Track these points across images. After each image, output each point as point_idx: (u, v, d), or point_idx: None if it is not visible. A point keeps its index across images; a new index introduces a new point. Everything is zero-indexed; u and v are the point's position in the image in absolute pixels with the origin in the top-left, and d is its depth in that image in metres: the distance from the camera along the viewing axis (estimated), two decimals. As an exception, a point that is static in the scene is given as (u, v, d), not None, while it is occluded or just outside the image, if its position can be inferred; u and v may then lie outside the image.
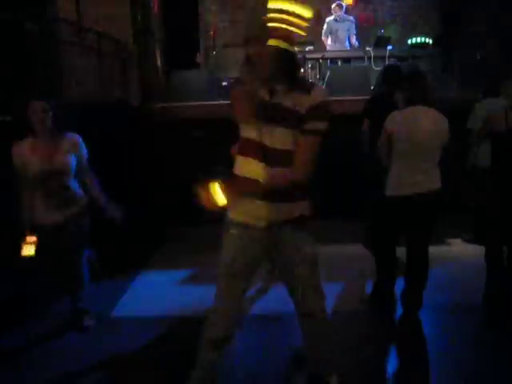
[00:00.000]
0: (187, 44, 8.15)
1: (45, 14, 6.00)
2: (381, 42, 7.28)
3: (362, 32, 8.03)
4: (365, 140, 4.11)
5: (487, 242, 3.55)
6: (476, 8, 7.98)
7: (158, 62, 6.94)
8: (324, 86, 6.71)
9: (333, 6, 7.72)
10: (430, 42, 7.44)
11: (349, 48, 7.67)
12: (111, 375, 2.91)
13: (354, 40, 7.70)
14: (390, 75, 4.02)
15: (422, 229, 3.28)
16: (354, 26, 7.76)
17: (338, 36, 7.71)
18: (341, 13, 7.67)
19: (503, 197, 3.35)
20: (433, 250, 3.40)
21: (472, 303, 3.57)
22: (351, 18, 7.82)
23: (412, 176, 3.14)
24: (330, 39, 7.78)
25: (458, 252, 4.75)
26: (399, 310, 3.50)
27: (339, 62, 7.46)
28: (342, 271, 4.27)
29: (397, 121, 3.16)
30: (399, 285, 3.52)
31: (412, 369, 2.89)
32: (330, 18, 7.78)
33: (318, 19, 8.79)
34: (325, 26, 7.79)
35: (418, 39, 7.45)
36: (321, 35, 7.91)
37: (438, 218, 3.27)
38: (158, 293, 4.07)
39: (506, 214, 3.35)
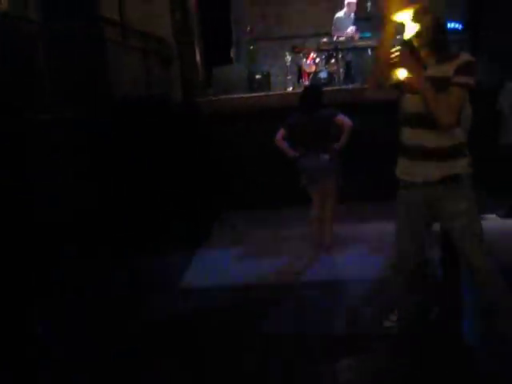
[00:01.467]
0: (221, 40, 8.48)
1: (91, 16, 6.41)
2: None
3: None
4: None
5: None
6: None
7: (198, 59, 7.31)
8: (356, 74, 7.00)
9: (352, 1, 7.99)
10: (460, 27, 7.60)
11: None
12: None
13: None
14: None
15: None
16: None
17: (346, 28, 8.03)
18: (351, 11, 8.04)
19: None
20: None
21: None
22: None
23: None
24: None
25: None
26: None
27: (369, 52, 7.70)
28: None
29: None
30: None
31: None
32: (339, 14, 8.13)
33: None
34: (334, 22, 8.12)
35: (449, 25, 7.61)
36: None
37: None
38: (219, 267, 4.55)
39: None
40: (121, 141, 4.47)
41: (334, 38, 7.88)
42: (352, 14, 8.13)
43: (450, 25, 7.66)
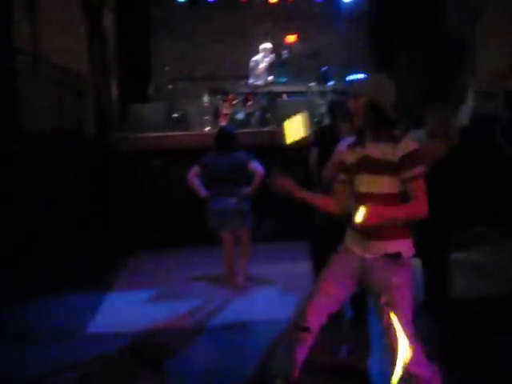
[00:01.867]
0: (140, 77, 8.45)
1: (2, 46, 6.16)
2: (323, 78, 7.91)
3: (305, 67, 8.66)
4: (313, 168, 4.61)
5: None
6: (408, 49, 8.88)
7: (114, 94, 7.21)
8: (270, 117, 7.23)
9: (268, 47, 8.34)
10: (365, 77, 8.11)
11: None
12: None
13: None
14: (336, 109, 4.56)
15: None
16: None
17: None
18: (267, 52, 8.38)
19: None
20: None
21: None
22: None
23: None
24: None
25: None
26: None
27: (284, 96, 8.01)
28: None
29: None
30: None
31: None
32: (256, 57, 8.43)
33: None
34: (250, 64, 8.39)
35: (356, 76, 8.11)
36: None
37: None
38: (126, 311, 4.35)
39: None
40: (26, 176, 4.25)
41: (251, 81, 8.14)
42: (268, 59, 8.41)
43: (357, 75, 8.15)
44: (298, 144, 2.57)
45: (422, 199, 2.39)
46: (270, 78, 8.28)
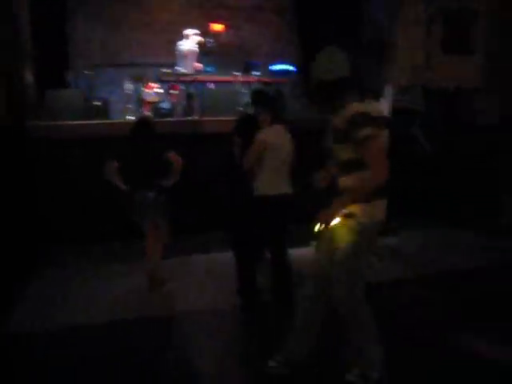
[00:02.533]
0: (57, 62, 8.03)
1: None
2: (248, 68, 7.88)
3: (230, 57, 8.59)
4: (236, 156, 4.57)
5: None
6: (333, 43, 9.01)
7: (29, 80, 6.79)
8: (195, 107, 7.12)
9: (195, 34, 8.16)
10: (291, 68, 8.21)
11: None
12: None
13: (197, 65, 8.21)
14: (257, 98, 4.56)
15: (283, 223, 3.89)
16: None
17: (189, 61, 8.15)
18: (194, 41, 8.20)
19: None
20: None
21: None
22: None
23: (277, 181, 3.78)
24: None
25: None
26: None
27: (210, 85, 7.91)
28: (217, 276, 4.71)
29: (268, 136, 3.72)
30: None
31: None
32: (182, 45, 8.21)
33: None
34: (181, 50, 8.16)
35: (281, 66, 8.18)
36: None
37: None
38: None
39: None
40: None
41: (177, 69, 7.95)
42: (195, 46, 8.25)
43: (282, 66, 8.23)
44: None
45: (373, 165, 2.54)
46: (198, 65, 8.13)
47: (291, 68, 8.34)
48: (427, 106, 7.84)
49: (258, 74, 7.93)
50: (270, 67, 8.39)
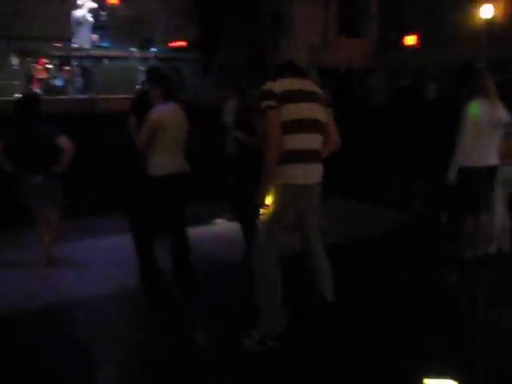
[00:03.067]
0: None
1: None
2: (145, 44, 7.67)
3: (127, 32, 8.30)
4: (132, 135, 4.51)
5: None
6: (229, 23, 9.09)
7: None
8: (89, 84, 6.84)
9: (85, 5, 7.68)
10: (187, 45, 8.13)
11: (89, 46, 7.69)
12: None
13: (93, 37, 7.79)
14: (151, 75, 4.50)
15: (180, 202, 3.89)
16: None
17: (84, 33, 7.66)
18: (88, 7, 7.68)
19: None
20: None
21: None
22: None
23: (172, 159, 3.74)
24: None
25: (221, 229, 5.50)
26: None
27: (105, 61, 7.60)
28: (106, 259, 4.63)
29: (160, 114, 3.67)
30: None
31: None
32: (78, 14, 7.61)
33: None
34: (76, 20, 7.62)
35: (178, 43, 8.07)
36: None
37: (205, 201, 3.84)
38: None
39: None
40: None
41: (74, 42, 7.52)
42: (89, 15, 7.79)
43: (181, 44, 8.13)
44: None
45: (268, 134, 2.83)
46: (94, 37, 7.70)
47: (186, 45, 8.22)
48: (322, 85, 8.14)
49: (155, 50, 7.74)
50: (169, 44, 8.24)
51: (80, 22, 7.60)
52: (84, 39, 7.55)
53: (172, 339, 3.19)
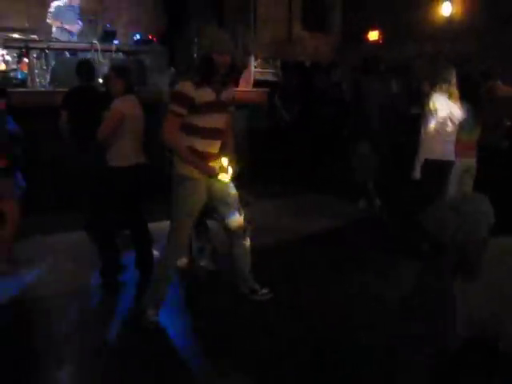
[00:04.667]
0: None
1: None
2: (107, 36, 7.53)
3: (88, 24, 8.14)
4: (64, 130, 4.57)
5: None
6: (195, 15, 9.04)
7: None
8: (49, 77, 6.68)
9: None
10: (152, 38, 8.03)
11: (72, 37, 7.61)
12: None
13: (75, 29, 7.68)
14: (82, 69, 4.53)
15: (138, 196, 3.96)
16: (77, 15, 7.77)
17: (70, 24, 7.56)
18: (77, 2, 7.62)
19: None
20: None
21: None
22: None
23: (132, 151, 3.82)
24: (59, 25, 7.50)
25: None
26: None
27: (66, 53, 7.43)
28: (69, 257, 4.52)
29: (124, 106, 3.66)
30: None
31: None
32: (61, 2, 7.53)
33: (43, 6, 8.53)
34: (52, 10, 7.49)
35: (142, 35, 7.97)
36: (45, 22, 7.72)
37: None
38: None
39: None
40: None
41: (54, 29, 7.37)
42: (76, 6, 7.63)
43: (144, 36, 8.03)
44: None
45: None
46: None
47: (151, 37, 8.12)
48: (286, 78, 8.21)
49: (117, 43, 7.60)
50: (132, 36, 8.12)
51: (62, 10, 7.43)
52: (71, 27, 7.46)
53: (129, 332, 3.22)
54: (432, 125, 4.31)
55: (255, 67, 8.16)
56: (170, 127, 3.06)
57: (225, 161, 3.18)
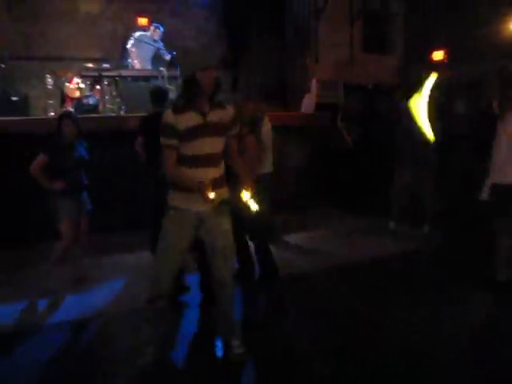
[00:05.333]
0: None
1: None
2: (174, 63, 7.82)
3: (155, 52, 8.47)
4: (140, 154, 4.79)
5: None
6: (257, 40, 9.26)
7: None
8: (120, 102, 6.99)
9: (152, 27, 8.08)
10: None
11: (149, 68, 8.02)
12: None
13: (150, 63, 8.15)
14: (156, 96, 4.68)
15: None
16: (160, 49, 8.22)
17: (143, 54, 8.00)
18: (158, 35, 8.10)
19: None
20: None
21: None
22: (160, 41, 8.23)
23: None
24: (135, 54, 7.97)
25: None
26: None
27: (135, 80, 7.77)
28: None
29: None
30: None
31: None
32: (144, 33, 8.02)
33: (114, 37, 9.06)
34: (136, 38, 7.99)
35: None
36: (117, 53, 8.22)
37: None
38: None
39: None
40: None
41: (130, 56, 7.85)
42: (157, 38, 8.12)
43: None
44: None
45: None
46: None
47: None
48: (348, 101, 8.17)
49: (183, 69, 7.86)
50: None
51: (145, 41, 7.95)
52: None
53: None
54: (504, 146, 4.12)
55: (316, 90, 8.18)
56: (166, 161, 2.89)
57: (245, 193, 2.95)
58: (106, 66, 7.73)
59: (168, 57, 8.04)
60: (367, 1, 9.43)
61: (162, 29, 8.21)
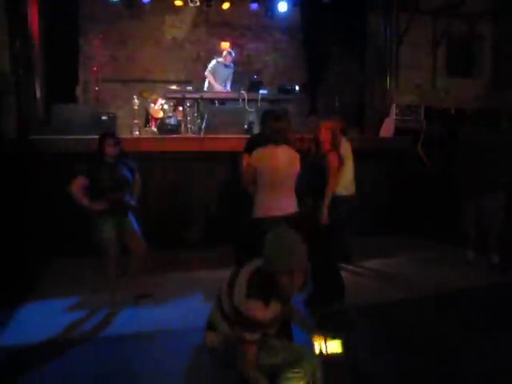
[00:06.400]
0: (66, 76, 8.14)
1: None
2: (254, 86, 7.97)
3: (236, 76, 8.70)
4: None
5: None
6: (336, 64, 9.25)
7: (38, 94, 6.91)
8: (204, 124, 7.19)
9: (225, 53, 8.30)
10: (296, 88, 8.30)
11: (225, 90, 8.26)
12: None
13: (229, 85, 8.40)
14: (266, 118, 4.69)
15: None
16: (232, 73, 8.45)
17: (220, 79, 8.29)
18: (230, 60, 8.33)
19: None
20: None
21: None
22: (232, 65, 8.48)
23: (276, 202, 3.75)
24: (211, 79, 8.25)
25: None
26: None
27: (216, 103, 7.99)
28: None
29: (259, 157, 3.78)
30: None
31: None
32: (218, 60, 8.30)
33: (198, 60, 9.43)
34: (211, 65, 8.29)
35: (286, 85, 8.28)
36: (199, 75, 8.54)
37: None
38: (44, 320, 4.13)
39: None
40: None
41: (206, 82, 8.18)
42: (230, 64, 8.40)
43: (289, 85, 8.33)
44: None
45: None
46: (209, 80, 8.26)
47: (295, 87, 8.39)
48: (430, 126, 7.92)
49: (264, 92, 8.01)
50: (278, 86, 8.50)
51: (218, 68, 8.27)
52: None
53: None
54: None
55: (396, 115, 8.00)
56: (246, 360, 2.40)
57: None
58: (189, 88, 8.01)
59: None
60: (452, 23, 9.17)
61: (233, 54, 8.42)
